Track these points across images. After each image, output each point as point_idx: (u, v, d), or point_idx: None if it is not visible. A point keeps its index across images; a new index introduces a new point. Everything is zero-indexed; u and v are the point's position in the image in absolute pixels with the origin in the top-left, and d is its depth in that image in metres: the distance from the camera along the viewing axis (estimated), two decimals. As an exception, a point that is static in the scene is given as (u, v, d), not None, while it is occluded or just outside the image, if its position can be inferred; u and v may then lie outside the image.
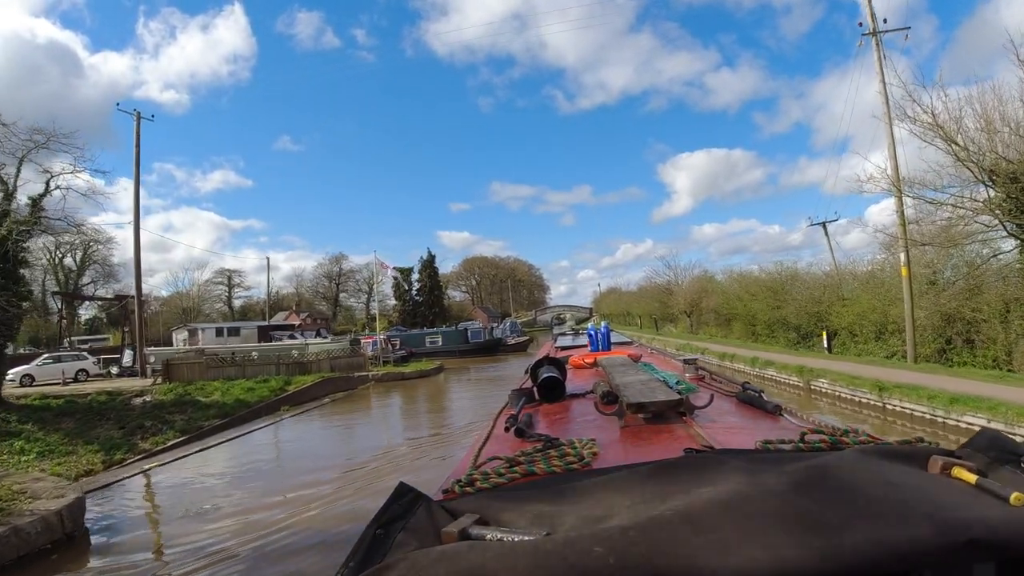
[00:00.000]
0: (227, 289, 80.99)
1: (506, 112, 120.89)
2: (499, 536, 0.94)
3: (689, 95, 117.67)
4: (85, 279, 61.30)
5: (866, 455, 1.08)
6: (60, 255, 59.56)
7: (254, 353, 28.84)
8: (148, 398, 22.54)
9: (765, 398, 2.45)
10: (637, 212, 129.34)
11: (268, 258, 57.73)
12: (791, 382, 17.46)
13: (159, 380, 24.45)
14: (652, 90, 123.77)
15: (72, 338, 45.52)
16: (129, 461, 15.32)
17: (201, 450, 16.47)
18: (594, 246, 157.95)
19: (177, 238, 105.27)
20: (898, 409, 12.24)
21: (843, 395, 14.57)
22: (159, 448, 16.66)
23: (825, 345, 21.24)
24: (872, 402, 13.25)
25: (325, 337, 36.15)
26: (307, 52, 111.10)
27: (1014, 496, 0.88)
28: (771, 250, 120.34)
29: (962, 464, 1.05)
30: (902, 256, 16.27)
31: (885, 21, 17.79)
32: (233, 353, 25.66)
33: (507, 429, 2.11)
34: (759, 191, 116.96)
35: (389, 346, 33.27)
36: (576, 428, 2.33)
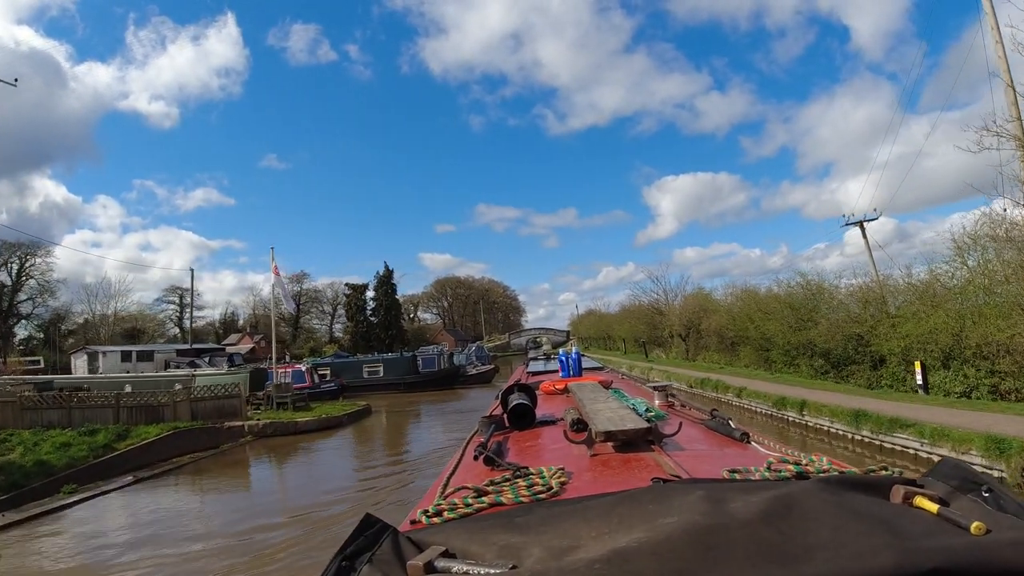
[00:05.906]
0: (178, 308, 74.27)
1: (496, 132, 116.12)
2: (464, 569, 0.92)
3: (679, 117, 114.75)
4: (22, 295, 55.91)
5: (830, 485, 1.08)
6: (-7, 271, 54.35)
7: (128, 386, 21.84)
8: (-64, 454, 15.81)
9: (733, 425, 2.43)
10: (621, 235, 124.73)
11: (192, 270, 50.88)
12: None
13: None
14: (643, 112, 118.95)
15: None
16: None
17: None
18: (577, 269, 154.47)
19: (154, 258, 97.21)
20: None
21: None
22: None
23: (919, 382, 14.67)
24: None
25: (222, 367, 28.84)
26: (300, 66, 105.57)
27: (975, 526, 0.88)
28: (751, 273, 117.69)
29: (924, 493, 1.04)
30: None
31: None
32: (61, 388, 18.52)
33: (476, 457, 2.11)
34: (742, 215, 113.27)
35: (314, 377, 26.41)
36: (546, 456, 2.31)
